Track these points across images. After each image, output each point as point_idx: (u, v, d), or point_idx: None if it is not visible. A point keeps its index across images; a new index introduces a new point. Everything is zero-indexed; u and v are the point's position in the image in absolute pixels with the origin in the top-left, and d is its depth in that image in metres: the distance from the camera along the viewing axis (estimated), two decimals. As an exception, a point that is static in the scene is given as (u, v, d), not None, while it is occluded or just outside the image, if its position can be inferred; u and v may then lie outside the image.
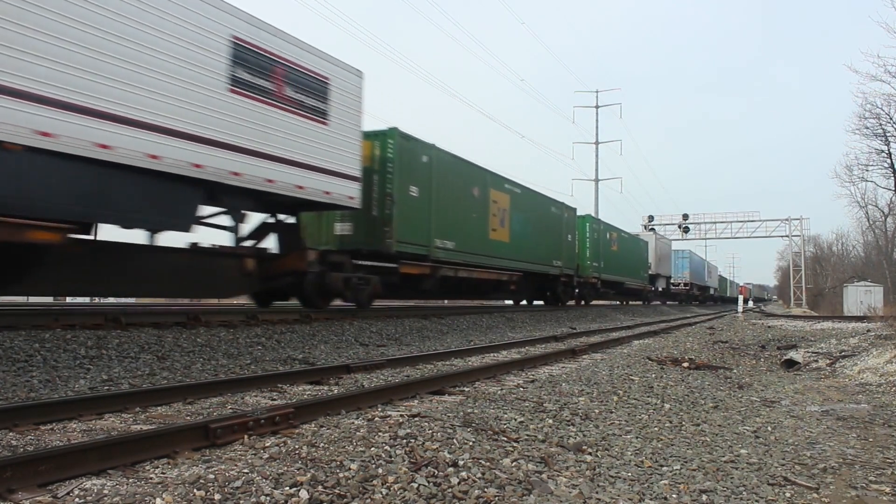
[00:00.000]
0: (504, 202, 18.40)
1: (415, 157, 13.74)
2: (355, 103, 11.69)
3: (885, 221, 48.15)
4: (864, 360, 8.96)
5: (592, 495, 3.18)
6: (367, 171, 12.62)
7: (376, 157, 12.99)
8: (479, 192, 16.83)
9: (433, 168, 14.37)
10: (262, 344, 8.58)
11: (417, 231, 13.71)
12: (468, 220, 16.09)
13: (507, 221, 18.46)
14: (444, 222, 14.74)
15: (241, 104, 9.17)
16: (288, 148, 10.02)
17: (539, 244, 20.89)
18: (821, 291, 58.72)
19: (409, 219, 13.26)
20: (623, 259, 31.21)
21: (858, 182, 45.17)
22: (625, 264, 31.53)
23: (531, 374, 7.45)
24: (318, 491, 2.84)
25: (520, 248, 19.17)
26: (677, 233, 53.38)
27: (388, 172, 12.95)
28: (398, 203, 12.93)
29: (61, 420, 4.24)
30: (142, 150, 7.83)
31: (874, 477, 3.80)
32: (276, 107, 9.78)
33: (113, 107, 7.45)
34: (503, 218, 18.24)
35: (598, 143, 45.81)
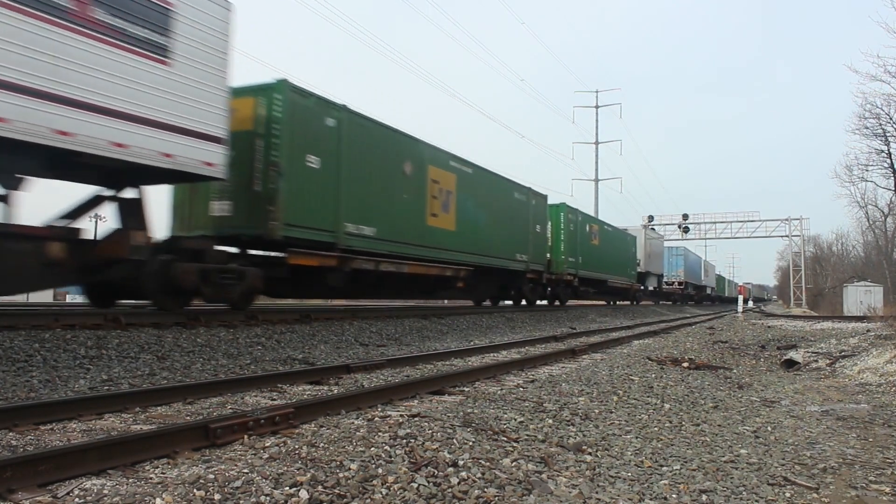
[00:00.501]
0: (448, 183, 15.38)
1: (315, 119, 11.07)
2: (218, 42, 9.03)
3: (885, 221, 48.20)
4: (864, 360, 8.97)
5: (592, 495, 3.18)
6: (248, 135, 10.26)
7: (260, 117, 10.35)
8: (413, 168, 13.91)
9: (344, 135, 11.61)
10: (262, 344, 8.58)
11: (318, 212, 11.06)
12: (396, 203, 13.27)
13: (453, 206, 15.50)
14: (359, 203, 12.04)
15: (6, 20, 6.59)
16: (98, 90, 7.46)
17: (498, 235, 17.93)
18: (821, 291, 58.73)
19: (304, 196, 10.73)
20: (606, 255, 28.42)
21: (858, 182, 45.12)
22: (608, 260, 28.72)
23: (531, 374, 7.45)
24: (318, 491, 2.84)
25: (470, 239, 16.32)
26: (677, 233, 53.35)
27: (273, 136, 10.27)
28: (288, 176, 10.32)
29: (61, 420, 4.24)
30: None
31: (874, 477, 3.80)
32: (78, 32, 7.25)
33: None
34: (447, 201, 15.25)
35: (597, 143, 45.86)
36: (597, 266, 26.81)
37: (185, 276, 9.11)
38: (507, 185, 19.05)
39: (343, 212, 11.64)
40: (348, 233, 11.75)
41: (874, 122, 30.02)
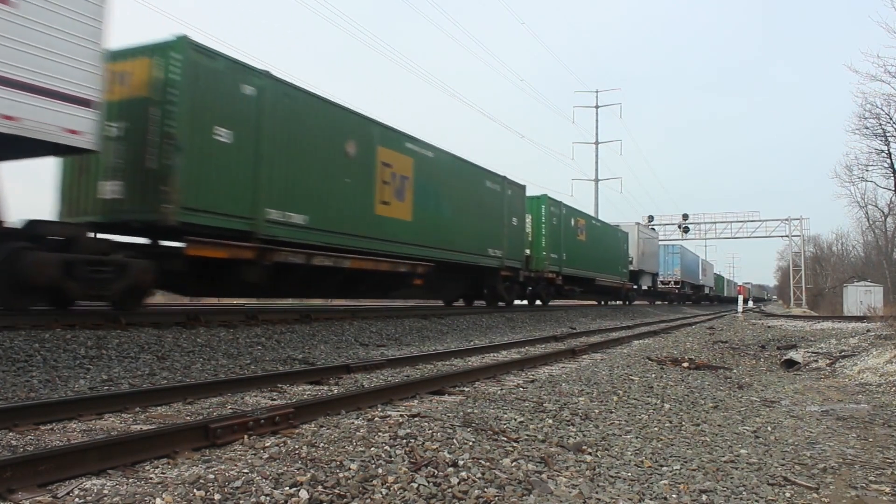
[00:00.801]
0: (404, 167, 13.52)
1: (226, 85, 9.33)
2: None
3: (885, 221, 48.21)
4: (864, 360, 8.97)
5: (592, 495, 3.18)
6: (142, 102, 8.74)
7: (156, 81, 8.72)
8: (358, 149, 12.08)
9: (267, 106, 9.84)
10: (262, 344, 8.58)
11: (229, 195, 9.36)
12: (335, 188, 11.48)
13: (410, 194, 13.63)
14: (286, 187, 10.31)
15: None
16: None
17: (465, 227, 16.07)
18: (821, 291, 58.73)
19: (210, 176, 9.06)
20: (594, 251, 26.47)
21: (858, 182, 45.17)
22: (596, 258, 26.86)
23: (531, 374, 7.45)
24: (318, 491, 2.84)
25: (431, 231, 14.44)
26: (677, 233, 53.34)
27: (169, 103, 8.61)
28: (189, 151, 8.70)
29: (61, 420, 4.24)
30: None
31: (874, 477, 3.80)
32: None
33: None
34: (402, 188, 13.41)
35: (597, 143, 45.84)
36: (584, 263, 25.00)
37: (39, 268, 7.41)
38: (477, 173, 17.11)
39: (264, 195, 9.81)
40: (271, 220, 9.95)
41: (874, 122, 30.03)
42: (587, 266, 25.61)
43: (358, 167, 12.19)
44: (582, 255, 24.88)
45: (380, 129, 12.97)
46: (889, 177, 32.64)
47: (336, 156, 11.59)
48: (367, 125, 12.56)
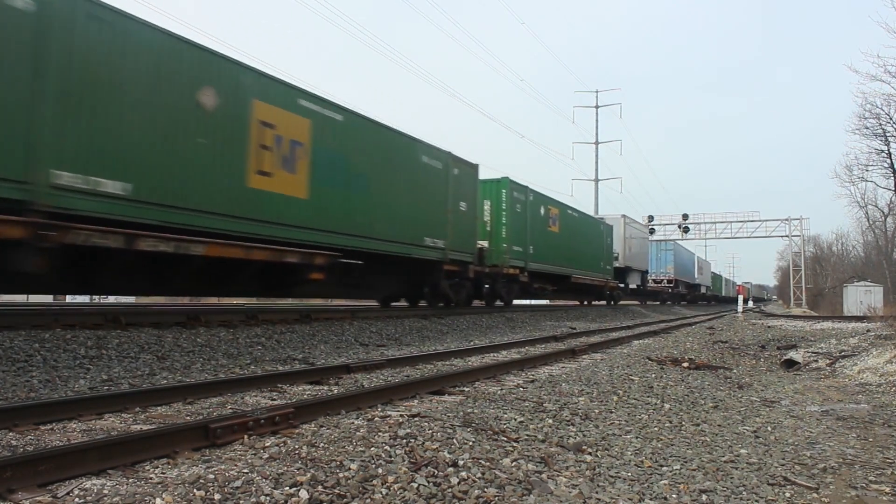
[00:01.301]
0: (296, 130, 10.44)
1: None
2: None
3: (885, 221, 48.22)
4: (864, 360, 8.97)
5: (592, 495, 3.18)
6: None
7: None
8: (221, 101, 9.20)
9: (55, 27, 7.21)
10: (262, 344, 8.58)
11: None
12: (181, 149, 8.65)
13: (305, 165, 10.57)
14: (93, 141, 7.59)
15: None
16: None
17: (391, 211, 12.96)
18: (821, 291, 58.71)
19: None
20: (569, 245, 23.51)
21: (858, 182, 45.14)
22: (573, 252, 23.96)
23: (531, 374, 7.45)
24: (318, 491, 2.84)
25: (338, 213, 11.35)
26: (677, 233, 53.30)
27: None
28: None
29: (61, 420, 4.24)
30: None
31: (874, 477, 3.80)
32: None
33: None
34: (292, 157, 10.34)
35: (597, 143, 45.88)
36: (556, 258, 21.99)
37: None
38: (410, 146, 13.83)
39: (48, 151, 7.17)
40: (62, 186, 7.23)
41: (874, 122, 30.03)
42: (561, 261, 22.51)
43: (219, 124, 9.18)
44: (554, 248, 21.83)
45: (256, 79, 9.82)
46: (889, 177, 32.67)
47: (183, 106, 8.70)
48: (236, 72, 9.51)
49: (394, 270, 14.23)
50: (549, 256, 21.36)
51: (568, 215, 23.92)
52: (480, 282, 18.04)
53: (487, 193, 18.28)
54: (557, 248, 22.29)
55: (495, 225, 18.44)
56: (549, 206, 21.93)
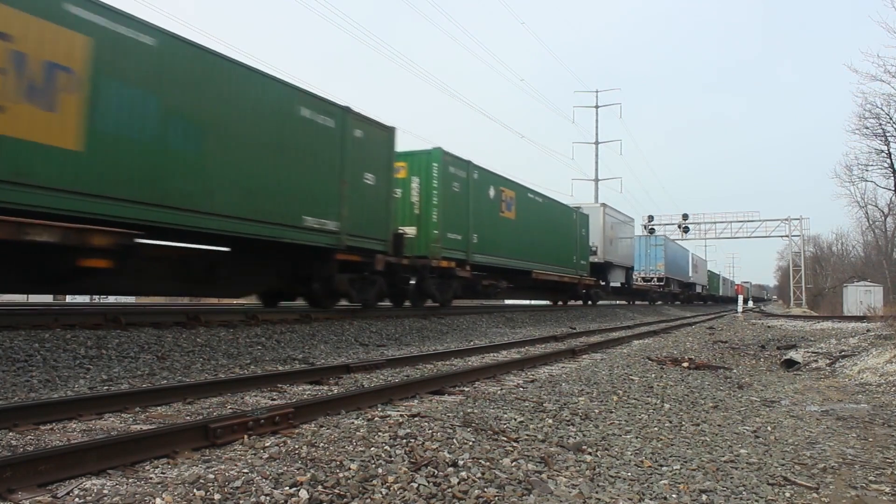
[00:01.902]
0: (60, 49, 7.17)
1: None
2: None
3: (885, 221, 48.26)
4: (864, 360, 8.97)
5: (592, 495, 3.18)
6: None
7: None
8: None
9: None
10: (262, 344, 8.58)
11: None
12: None
13: (77, 101, 7.33)
14: None
15: None
16: None
17: (245, 175, 9.55)
18: (821, 291, 58.71)
19: None
20: (530, 235, 19.79)
21: (858, 182, 45.03)
22: (534, 244, 20.14)
23: (531, 374, 7.45)
24: (318, 491, 2.84)
25: (142, 173, 8.09)
26: (677, 233, 53.28)
27: None
28: None
29: (61, 420, 4.24)
30: None
31: (874, 477, 3.80)
32: None
33: None
34: (48, 87, 7.04)
35: (597, 142, 45.84)
36: (512, 250, 18.43)
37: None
38: (279, 93, 10.37)
39: None
40: None
41: (874, 122, 30.01)
42: (517, 253, 18.83)
43: None
44: (509, 238, 18.28)
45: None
46: (889, 177, 32.66)
47: None
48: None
49: (267, 260, 11.28)
50: (501, 247, 17.79)
51: (529, 200, 20.02)
52: (400, 276, 13.95)
53: (416, 168, 14.86)
54: (513, 238, 18.58)
55: (424, 206, 14.77)
56: (501, 187, 17.99)
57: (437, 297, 15.62)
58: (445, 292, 15.85)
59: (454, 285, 16.09)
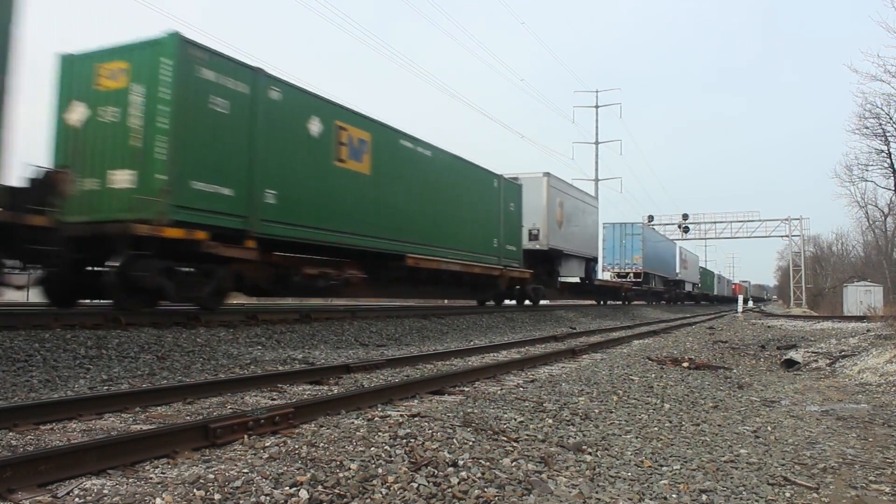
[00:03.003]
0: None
1: None
2: None
3: (885, 221, 48.24)
4: (864, 360, 8.97)
5: (592, 495, 3.18)
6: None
7: None
8: None
9: None
10: (262, 344, 8.58)
11: None
12: None
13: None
14: None
15: None
16: None
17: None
18: (821, 291, 58.70)
19: None
20: (405, 201, 14.03)
21: (858, 182, 44.93)
22: (414, 215, 14.34)
23: (531, 373, 7.45)
24: (318, 491, 2.84)
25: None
26: (677, 233, 53.25)
27: None
28: None
29: (61, 420, 4.24)
30: None
31: (874, 477, 3.80)
32: None
33: None
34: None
35: (597, 143, 45.80)
36: (362, 221, 12.56)
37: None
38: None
39: None
40: None
41: (874, 122, 29.98)
42: (375, 227, 12.88)
43: None
44: (354, 202, 12.36)
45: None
46: (889, 177, 32.65)
47: None
48: None
49: None
50: (336, 216, 11.81)
51: (401, 150, 13.87)
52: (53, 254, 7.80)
53: (139, 71, 9.09)
54: (365, 204, 12.64)
55: (147, 135, 8.98)
56: (339, 121, 11.99)
57: (156, 287, 8.83)
58: (194, 285, 9.56)
59: (220, 274, 9.90)
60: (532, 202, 20.81)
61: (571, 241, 24.44)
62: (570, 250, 24.40)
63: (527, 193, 20.33)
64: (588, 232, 26.87)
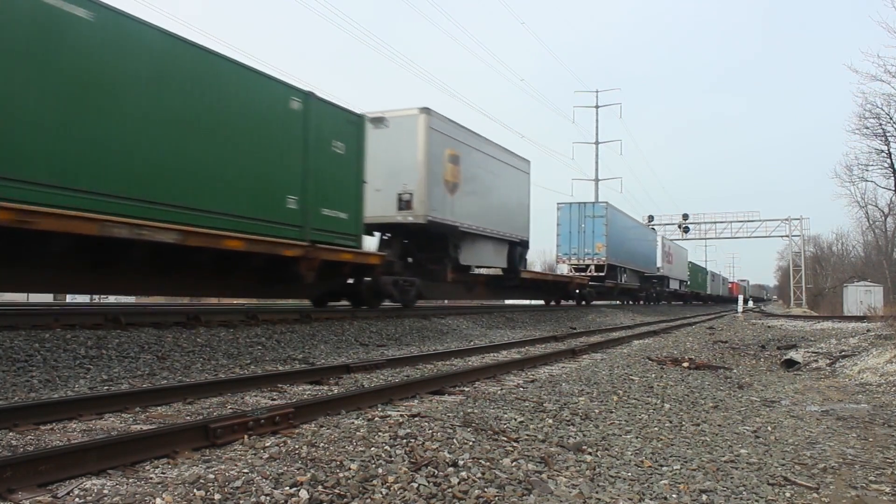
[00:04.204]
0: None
1: None
2: None
3: (885, 221, 48.25)
4: (864, 360, 8.97)
5: (592, 495, 3.18)
6: None
7: None
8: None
9: None
10: (262, 344, 8.58)
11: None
12: None
13: None
14: None
15: None
16: None
17: None
18: (821, 291, 58.72)
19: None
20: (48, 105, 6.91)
21: (858, 182, 44.91)
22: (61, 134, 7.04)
23: (531, 373, 7.45)
24: (318, 491, 2.84)
25: None
26: (678, 233, 53.28)
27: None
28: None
29: (61, 420, 4.24)
30: None
31: (874, 477, 3.80)
32: None
33: None
34: None
35: (597, 142, 45.77)
36: None
37: None
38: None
39: None
40: None
41: (874, 122, 29.97)
42: None
43: None
44: None
45: None
46: (889, 177, 32.65)
47: None
48: None
49: None
50: None
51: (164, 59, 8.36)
52: None
53: None
54: None
55: None
56: None
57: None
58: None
59: None
60: (403, 154, 14.00)
61: (478, 214, 16.59)
62: (475, 228, 16.48)
63: (395, 140, 13.92)
64: (510, 204, 18.79)
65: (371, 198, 12.99)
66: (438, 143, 14.74)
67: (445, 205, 15.06)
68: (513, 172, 19.17)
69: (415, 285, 14.81)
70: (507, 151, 18.86)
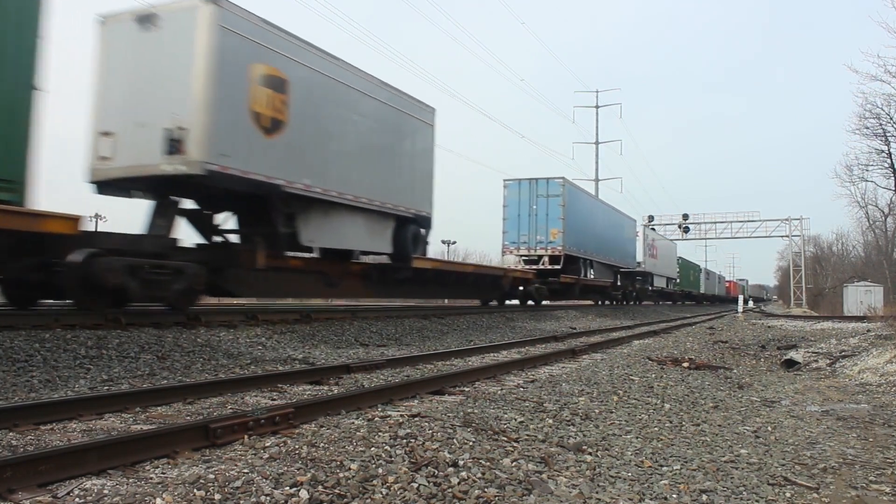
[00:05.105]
0: None
1: None
2: None
3: (885, 221, 48.21)
4: (864, 360, 8.97)
5: (592, 495, 3.18)
6: None
7: None
8: None
9: None
10: (262, 344, 8.58)
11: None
12: None
13: None
14: None
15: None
16: None
17: None
18: (821, 291, 58.70)
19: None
20: None
21: (858, 182, 44.82)
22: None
23: (531, 374, 7.45)
24: (318, 491, 2.84)
25: None
26: (678, 233, 53.24)
27: None
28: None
29: (61, 420, 4.24)
30: None
31: (874, 477, 3.80)
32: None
33: None
34: None
35: (598, 143, 45.75)
36: None
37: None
38: None
39: None
40: None
41: (874, 122, 29.98)
42: None
43: None
44: None
45: None
46: (889, 177, 32.66)
47: None
48: None
49: None
50: None
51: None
52: None
53: None
54: None
55: None
56: None
57: None
58: None
59: None
60: (177, 68, 9.22)
61: (332, 172, 11.55)
62: (328, 193, 11.37)
63: (168, 48, 9.28)
64: (399, 164, 13.73)
65: (130, 136, 9.01)
66: (239, 53, 9.53)
67: (254, 151, 9.84)
68: (404, 121, 13.76)
69: (185, 274, 9.29)
70: (394, 90, 13.40)
